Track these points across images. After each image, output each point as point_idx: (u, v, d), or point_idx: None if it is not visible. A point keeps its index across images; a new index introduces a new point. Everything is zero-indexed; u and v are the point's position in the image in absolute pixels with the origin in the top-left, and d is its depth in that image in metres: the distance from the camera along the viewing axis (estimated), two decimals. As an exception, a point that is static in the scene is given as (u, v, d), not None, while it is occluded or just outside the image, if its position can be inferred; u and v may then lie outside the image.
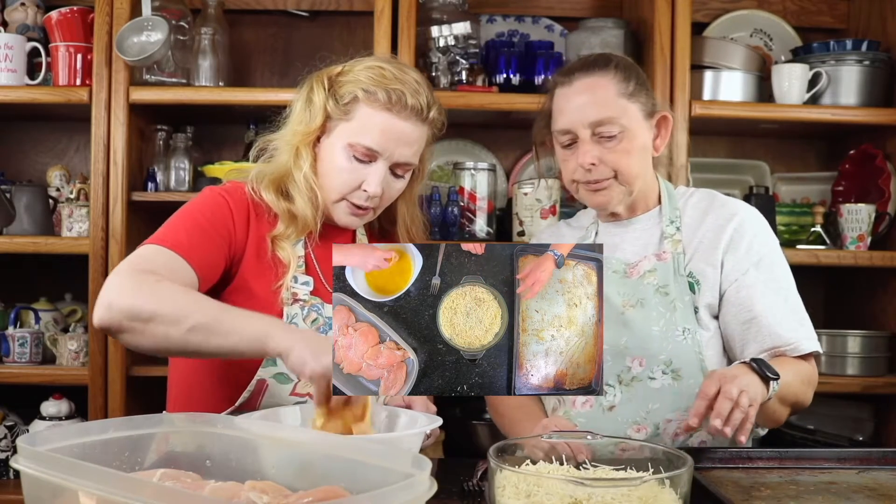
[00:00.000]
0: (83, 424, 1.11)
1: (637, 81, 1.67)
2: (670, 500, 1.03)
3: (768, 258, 1.66)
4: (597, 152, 1.63)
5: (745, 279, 1.63)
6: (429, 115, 1.61)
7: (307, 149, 1.62)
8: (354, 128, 1.58)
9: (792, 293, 1.67)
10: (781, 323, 1.61)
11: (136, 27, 2.29)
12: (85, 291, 2.35)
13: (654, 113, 1.70)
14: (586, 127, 1.63)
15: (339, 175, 1.60)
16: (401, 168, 1.63)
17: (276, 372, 1.57)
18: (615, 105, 1.63)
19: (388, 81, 1.57)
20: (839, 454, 1.48)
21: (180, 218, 1.58)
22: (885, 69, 2.51)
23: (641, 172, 1.68)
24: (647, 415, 1.60)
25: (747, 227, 1.67)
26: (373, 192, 1.59)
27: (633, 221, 1.74)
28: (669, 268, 1.65)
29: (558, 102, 1.68)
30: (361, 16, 2.61)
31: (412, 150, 1.61)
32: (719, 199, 1.74)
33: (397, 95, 1.56)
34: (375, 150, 1.58)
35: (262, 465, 1.12)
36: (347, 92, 1.59)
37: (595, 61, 1.68)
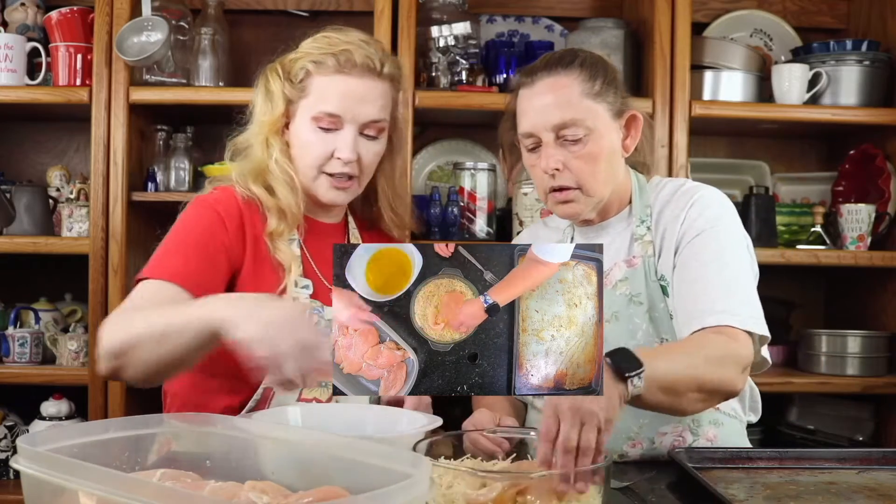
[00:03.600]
0: (83, 424, 1.11)
1: (604, 80, 1.56)
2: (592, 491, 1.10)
3: (708, 233, 1.53)
4: (561, 157, 1.54)
5: (680, 259, 1.54)
6: (383, 70, 1.60)
7: (276, 137, 1.63)
8: (313, 100, 1.59)
9: (729, 270, 1.50)
10: (697, 296, 1.48)
11: (136, 27, 2.29)
12: (85, 291, 2.35)
13: (623, 112, 1.59)
14: (549, 130, 1.54)
15: (309, 150, 1.60)
16: (370, 128, 1.61)
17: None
18: (580, 106, 1.53)
19: (334, 45, 1.59)
20: (839, 454, 1.48)
21: (174, 241, 1.57)
22: (885, 69, 2.51)
23: (610, 178, 1.58)
24: (640, 429, 1.57)
25: (694, 208, 1.56)
26: (346, 157, 1.58)
27: (605, 226, 1.65)
28: (640, 273, 1.58)
29: (521, 104, 1.59)
30: (361, 16, 2.61)
31: (375, 106, 1.60)
32: (683, 188, 1.62)
33: (345, 57, 1.57)
34: (337, 113, 1.58)
35: (262, 465, 1.12)
36: (299, 69, 1.60)
37: (559, 59, 1.58)
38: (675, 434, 1.57)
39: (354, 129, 1.59)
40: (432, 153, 2.73)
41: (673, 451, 1.46)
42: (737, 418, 1.63)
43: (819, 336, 2.52)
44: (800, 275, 2.73)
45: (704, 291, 1.48)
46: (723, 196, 1.62)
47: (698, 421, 1.57)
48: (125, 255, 2.32)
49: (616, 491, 1.32)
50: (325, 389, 1.60)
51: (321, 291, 1.62)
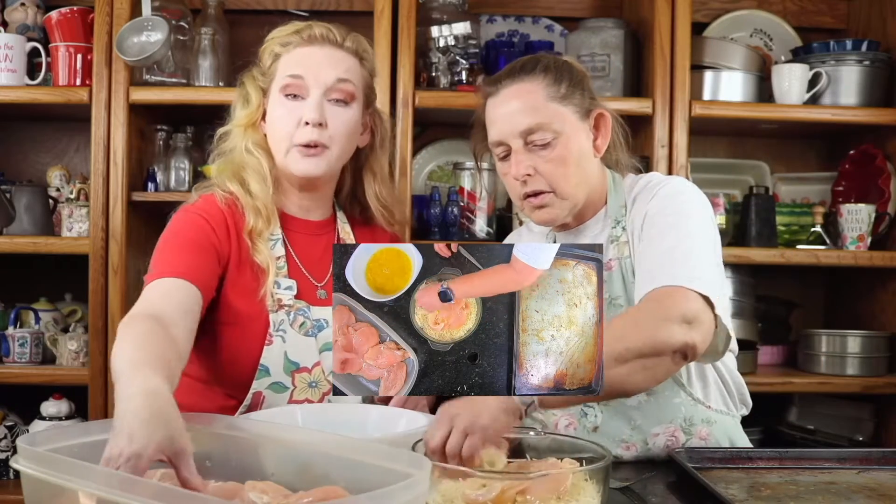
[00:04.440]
0: (83, 424, 1.11)
1: (570, 82, 1.56)
2: (591, 491, 1.10)
3: (664, 210, 1.50)
4: (531, 162, 1.54)
5: (642, 235, 1.52)
6: (344, 42, 1.63)
7: (251, 129, 1.65)
8: (281, 76, 1.61)
9: (680, 240, 1.45)
10: (642, 268, 1.46)
11: (136, 27, 2.29)
12: (85, 291, 2.35)
13: (591, 112, 1.58)
14: (517, 136, 1.53)
15: (280, 121, 1.61)
16: (335, 91, 1.60)
17: (271, 382, 1.57)
18: (546, 110, 1.53)
19: (298, 28, 1.63)
20: (839, 454, 1.48)
21: (169, 244, 1.56)
22: (885, 69, 2.51)
23: (583, 180, 1.57)
24: (633, 431, 1.57)
25: (657, 197, 1.54)
26: (311, 118, 1.57)
27: (583, 229, 1.64)
28: (617, 276, 1.56)
29: (489, 113, 1.59)
30: (361, 16, 2.61)
31: (338, 70, 1.60)
32: (651, 182, 1.59)
33: (308, 32, 1.62)
34: (299, 74, 1.59)
35: (262, 465, 1.12)
36: (268, 56, 1.64)
37: (522, 66, 1.58)
38: (668, 434, 1.57)
39: (319, 93, 1.59)
40: (432, 153, 2.73)
41: (673, 451, 1.46)
42: (729, 414, 1.63)
43: (819, 336, 2.52)
44: (800, 275, 2.73)
45: (647, 262, 1.46)
46: (688, 181, 1.60)
47: (690, 420, 1.57)
48: (125, 255, 2.32)
49: (616, 491, 1.32)
50: (315, 390, 1.60)
51: (306, 291, 1.61)
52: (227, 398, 1.60)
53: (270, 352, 1.56)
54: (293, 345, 1.58)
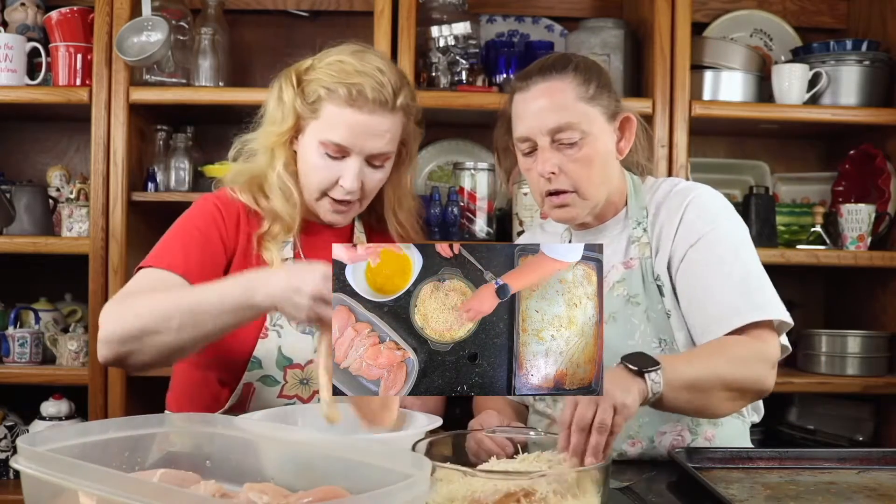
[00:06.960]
0: (83, 424, 1.11)
1: (598, 83, 1.58)
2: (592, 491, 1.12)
3: (709, 236, 1.54)
4: (557, 160, 1.55)
5: (684, 265, 1.55)
6: (396, 102, 1.58)
7: (281, 149, 1.63)
8: (323, 126, 1.58)
9: (738, 267, 1.52)
10: (714, 301, 1.50)
11: (136, 27, 2.29)
12: (85, 291, 2.35)
13: (617, 115, 1.61)
14: (545, 134, 1.55)
15: (315, 173, 1.60)
16: (377, 159, 1.61)
17: (262, 375, 1.58)
18: (574, 110, 1.55)
19: (349, 76, 1.56)
20: (839, 454, 1.48)
21: (175, 232, 1.60)
22: (885, 69, 2.51)
23: (605, 181, 1.59)
24: (640, 429, 1.57)
25: (690, 210, 1.57)
26: (349, 187, 1.59)
27: (602, 229, 1.65)
28: (637, 275, 1.58)
29: (517, 108, 1.61)
30: (361, 16, 2.61)
31: (383, 141, 1.60)
32: (677, 188, 1.63)
33: (357, 90, 1.55)
34: (344, 145, 1.57)
35: (262, 465, 1.12)
36: (312, 91, 1.59)
37: (553, 64, 1.59)
38: (675, 433, 1.57)
39: (360, 159, 1.59)
40: (432, 153, 2.73)
41: (673, 451, 1.46)
42: (739, 418, 1.63)
43: (819, 336, 2.52)
44: (800, 275, 2.73)
45: (720, 295, 1.50)
46: (717, 194, 1.63)
47: (697, 420, 1.57)
48: (125, 255, 2.32)
49: (616, 491, 1.32)
50: (306, 387, 1.61)
51: None
52: (221, 386, 1.61)
53: (264, 345, 1.58)
54: (288, 341, 1.59)
